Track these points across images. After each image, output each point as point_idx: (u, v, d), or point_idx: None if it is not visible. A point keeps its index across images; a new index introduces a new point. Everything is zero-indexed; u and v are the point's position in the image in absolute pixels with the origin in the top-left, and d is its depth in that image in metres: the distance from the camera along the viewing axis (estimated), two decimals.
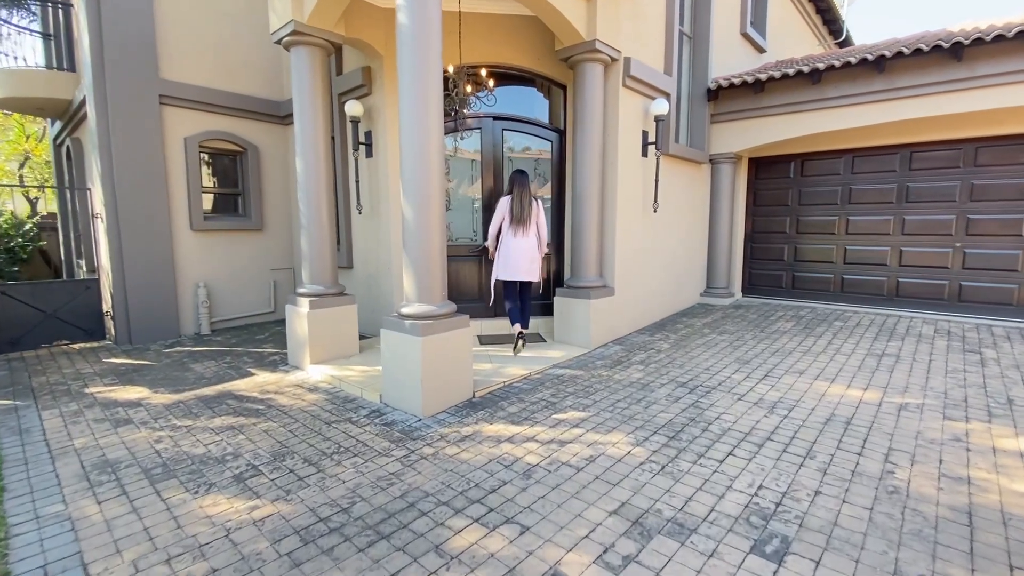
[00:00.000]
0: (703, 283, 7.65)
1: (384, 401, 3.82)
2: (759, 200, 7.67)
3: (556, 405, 3.68)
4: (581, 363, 4.71)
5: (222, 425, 3.51)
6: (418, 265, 3.57)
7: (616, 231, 5.41)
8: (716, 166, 7.33)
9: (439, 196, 3.59)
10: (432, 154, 3.52)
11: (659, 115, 5.58)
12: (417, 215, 3.53)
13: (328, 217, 4.78)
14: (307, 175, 4.65)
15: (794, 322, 6.17)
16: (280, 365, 4.98)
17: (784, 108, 6.52)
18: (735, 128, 7.03)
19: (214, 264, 6.53)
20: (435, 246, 3.59)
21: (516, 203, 4.80)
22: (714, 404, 3.65)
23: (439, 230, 3.61)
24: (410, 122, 3.48)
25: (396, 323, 3.62)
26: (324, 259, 4.78)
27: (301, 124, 4.61)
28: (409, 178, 3.52)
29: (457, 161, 5.82)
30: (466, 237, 5.85)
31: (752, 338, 5.50)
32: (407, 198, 3.54)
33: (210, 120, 6.40)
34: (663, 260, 6.44)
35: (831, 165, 6.97)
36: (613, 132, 5.34)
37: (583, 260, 5.30)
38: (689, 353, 4.97)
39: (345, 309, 4.89)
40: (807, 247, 7.27)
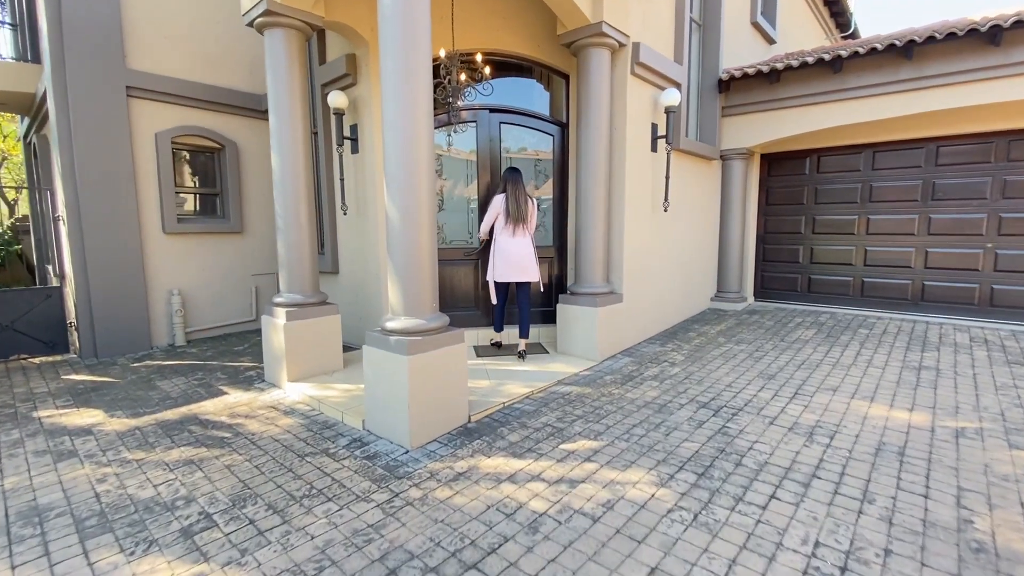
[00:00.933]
0: (713, 287, 7.21)
1: (367, 427, 3.35)
2: (772, 199, 7.24)
3: (563, 432, 3.22)
4: (588, 379, 4.25)
5: (179, 459, 3.04)
6: (405, 273, 3.11)
7: (624, 233, 4.96)
8: (727, 162, 6.89)
9: (429, 194, 3.13)
10: (420, 146, 3.06)
11: (670, 106, 5.14)
12: (404, 216, 3.07)
13: (308, 218, 4.31)
14: (283, 172, 4.18)
15: (815, 329, 5.73)
16: (256, 382, 4.51)
17: (802, 100, 6.08)
18: (748, 122, 6.59)
19: (189, 270, 6.05)
20: (424, 251, 3.14)
21: (512, 201, 4.50)
22: (744, 430, 3.19)
23: (429, 232, 3.15)
24: (394, 110, 3.02)
25: (379, 339, 3.16)
26: (303, 265, 4.31)
27: (277, 115, 4.14)
28: (394, 174, 3.06)
29: (450, 158, 5.37)
30: (461, 239, 5.39)
31: (773, 348, 5.06)
32: (392, 196, 3.09)
33: (184, 114, 5.92)
34: (673, 263, 6.00)
35: (850, 161, 6.54)
36: (621, 125, 4.89)
37: (588, 264, 4.84)
38: (706, 366, 4.52)
39: (327, 320, 4.42)
40: (824, 248, 6.84)
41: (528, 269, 4.64)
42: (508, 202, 4.55)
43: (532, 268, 4.66)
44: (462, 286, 5.46)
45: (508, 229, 4.57)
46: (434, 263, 3.21)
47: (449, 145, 5.30)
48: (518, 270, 4.61)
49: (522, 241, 4.61)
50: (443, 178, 5.31)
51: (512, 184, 4.57)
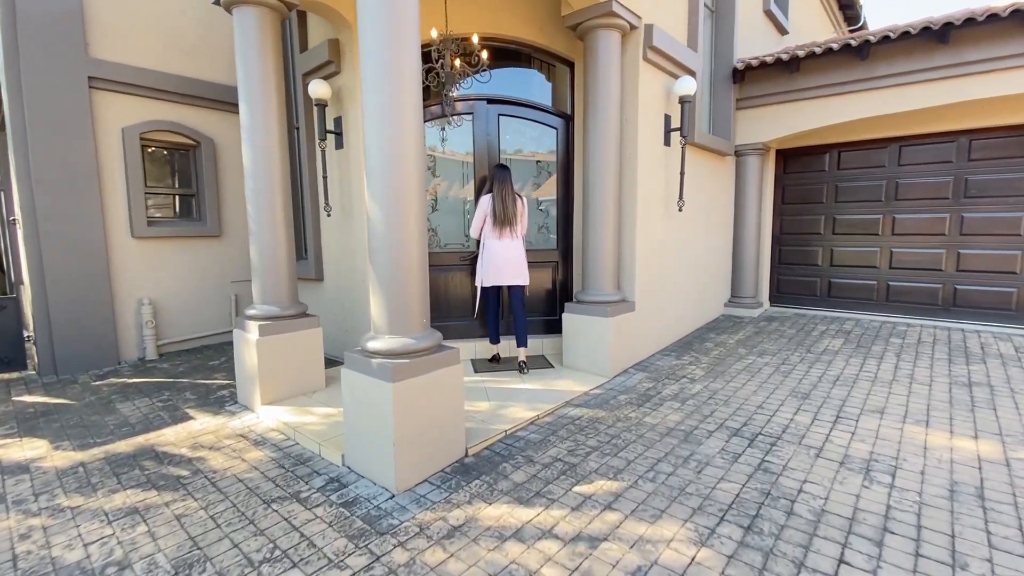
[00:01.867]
0: (727, 291, 6.76)
1: (347, 463, 2.88)
2: (788, 197, 6.79)
3: (577, 469, 2.75)
4: (601, 399, 3.78)
5: (123, 506, 2.56)
6: (389, 283, 2.64)
7: (636, 234, 4.50)
8: (741, 158, 6.45)
9: (417, 192, 2.66)
10: (407, 134, 2.60)
11: (685, 96, 4.68)
12: (388, 216, 2.60)
13: (284, 219, 3.84)
14: (255, 167, 3.71)
15: (842, 339, 5.28)
16: (228, 403, 4.03)
17: (824, 90, 5.64)
18: (764, 115, 6.15)
19: (161, 277, 5.56)
20: (412, 257, 2.67)
21: (498, 202, 4.13)
22: (788, 465, 2.73)
23: (418, 236, 2.68)
24: (376, 96, 2.55)
25: (360, 362, 2.69)
26: (279, 272, 3.83)
27: (248, 105, 3.67)
28: (376, 168, 2.59)
29: (444, 154, 4.90)
30: (457, 243, 4.93)
31: (800, 360, 4.60)
32: (374, 193, 2.62)
33: (155, 108, 5.44)
34: (687, 267, 5.55)
35: (874, 156, 6.10)
36: (632, 116, 4.43)
37: (598, 270, 4.38)
38: (731, 383, 4.06)
39: (307, 334, 3.94)
40: (845, 250, 6.39)
41: (519, 272, 4.28)
42: (494, 203, 4.18)
43: (522, 271, 4.29)
44: (458, 294, 5.00)
45: (495, 231, 4.21)
46: (424, 271, 2.75)
47: (443, 140, 4.84)
48: (507, 273, 4.25)
49: (510, 244, 4.23)
50: (437, 176, 4.85)
51: (498, 183, 4.20)
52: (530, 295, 5.08)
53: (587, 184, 4.39)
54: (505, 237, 4.24)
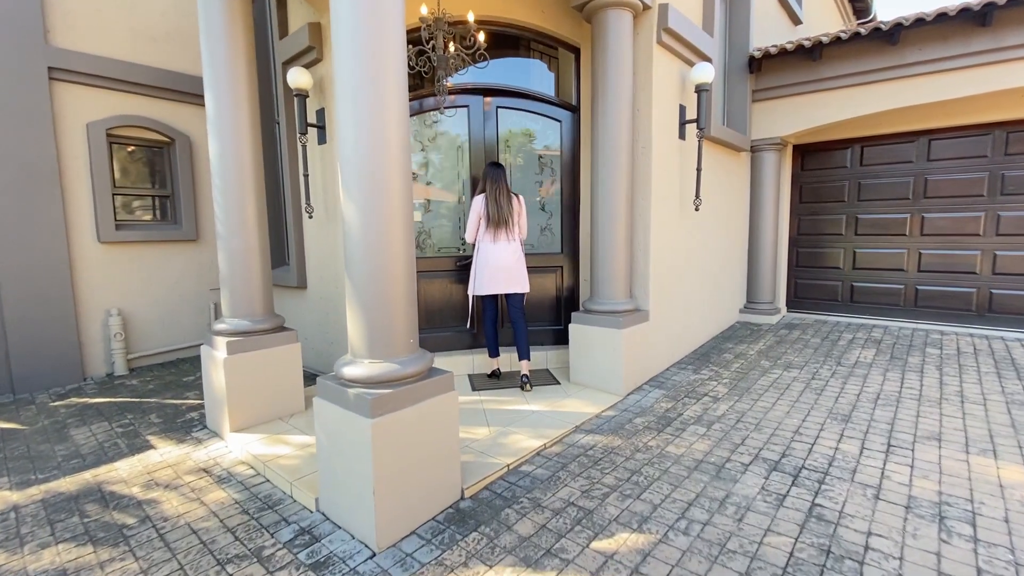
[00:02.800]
0: (742, 297, 6.34)
1: (321, 508, 2.44)
2: (806, 196, 6.37)
3: (594, 517, 2.31)
4: (615, 423, 3.35)
5: (50, 567, 2.12)
6: (368, 297, 2.21)
7: (651, 236, 4.07)
8: (757, 154, 6.03)
9: (401, 189, 2.23)
10: (389, 127, 2.17)
11: (702, 84, 4.26)
12: (366, 219, 2.17)
13: (257, 222, 3.40)
14: (223, 162, 3.28)
15: (873, 349, 4.85)
16: (195, 428, 3.59)
17: (849, 79, 5.22)
18: (783, 107, 5.73)
19: (132, 284, 5.12)
20: (397, 266, 2.23)
21: (492, 202, 3.78)
22: (844, 511, 2.30)
23: (403, 241, 2.25)
24: (352, 76, 2.12)
25: (334, 391, 2.25)
26: (251, 281, 3.40)
27: (214, 92, 3.24)
28: (352, 162, 2.16)
29: (438, 149, 4.48)
30: (452, 247, 4.51)
31: (831, 374, 4.18)
32: (349, 193, 2.19)
33: (124, 102, 5.00)
34: (703, 271, 5.12)
35: (900, 151, 5.68)
36: (645, 106, 4.01)
37: (609, 276, 3.95)
38: (759, 402, 3.63)
39: (283, 351, 3.51)
40: (869, 252, 5.97)
41: (517, 278, 3.91)
42: (488, 203, 3.80)
43: (522, 277, 3.93)
44: (454, 302, 4.57)
45: (489, 234, 3.84)
46: (411, 282, 2.31)
47: (436, 134, 4.41)
48: (504, 280, 3.87)
49: (507, 247, 3.86)
50: (430, 174, 4.43)
51: (492, 182, 3.84)
52: (533, 303, 4.67)
53: (595, 181, 3.96)
54: (501, 240, 3.86)
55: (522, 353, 4.02)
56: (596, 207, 3.97)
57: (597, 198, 3.95)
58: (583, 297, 4.64)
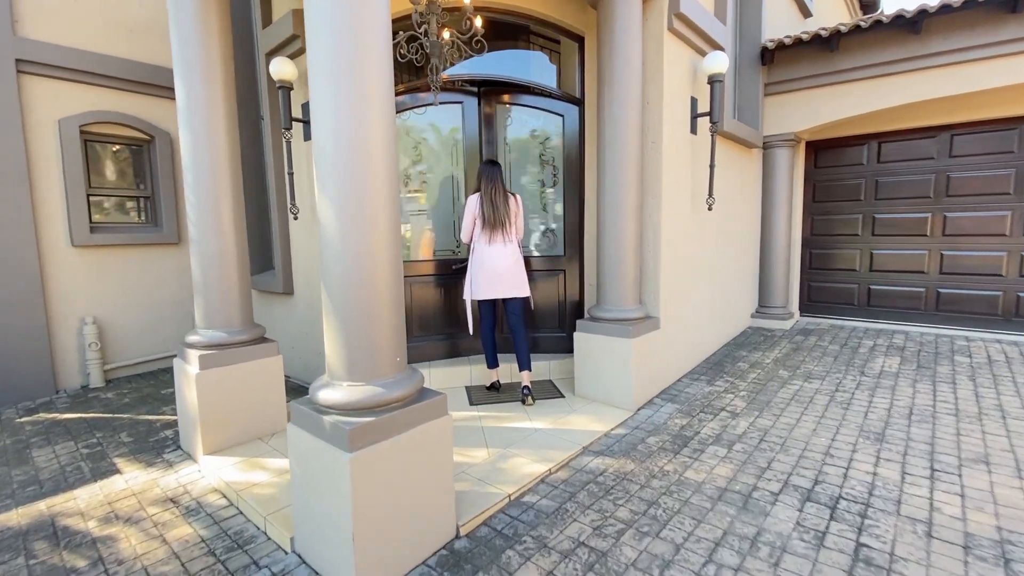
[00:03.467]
0: (754, 301, 6.05)
1: (296, 550, 2.14)
2: (820, 195, 6.09)
3: (608, 560, 2.02)
4: (626, 443, 3.05)
5: None
6: (347, 309, 1.91)
7: (661, 238, 3.79)
8: (770, 151, 5.74)
9: (387, 188, 1.94)
10: (372, 117, 1.88)
11: (715, 74, 3.97)
12: (345, 222, 1.88)
13: (233, 223, 3.11)
14: (196, 157, 2.98)
15: (897, 357, 4.56)
16: (168, 449, 3.29)
17: (868, 71, 4.93)
18: (797, 101, 5.45)
19: (109, 291, 4.83)
20: (381, 274, 1.94)
21: (487, 202, 3.56)
22: (895, 554, 2.00)
23: (388, 246, 1.96)
24: (329, 58, 1.83)
25: (308, 418, 1.96)
26: (227, 288, 3.10)
27: (185, 79, 2.95)
28: (328, 155, 1.87)
29: (432, 146, 4.20)
30: (447, 249, 4.23)
31: (856, 386, 3.88)
32: (326, 192, 1.89)
33: (99, 97, 4.71)
34: (714, 275, 4.83)
35: (921, 147, 5.40)
36: (656, 98, 3.72)
37: (616, 281, 3.66)
38: (782, 418, 3.34)
39: (263, 364, 3.21)
40: (887, 253, 5.68)
41: (515, 283, 3.65)
42: (483, 203, 3.56)
43: (520, 282, 3.67)
44: (451, 307, 4.30)
45: (485, 236, 3.60)
46: (398, 292, 2.02)
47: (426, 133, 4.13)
48: (502, 285, 3.61)
49: (503, 250, 3.61)
50: (423, 172, 4.15)
51: (487, 180, 3.60)
52: (535, 309, 4.38)
53: (602, 179, 3.67)
54: (497, 242, 3.60)
55: (522, 363, 3.73)
56: (603, 207, 3.68)
57: (604, 197, 3.66)
58: (588, 303, 4.35)
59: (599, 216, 3.73)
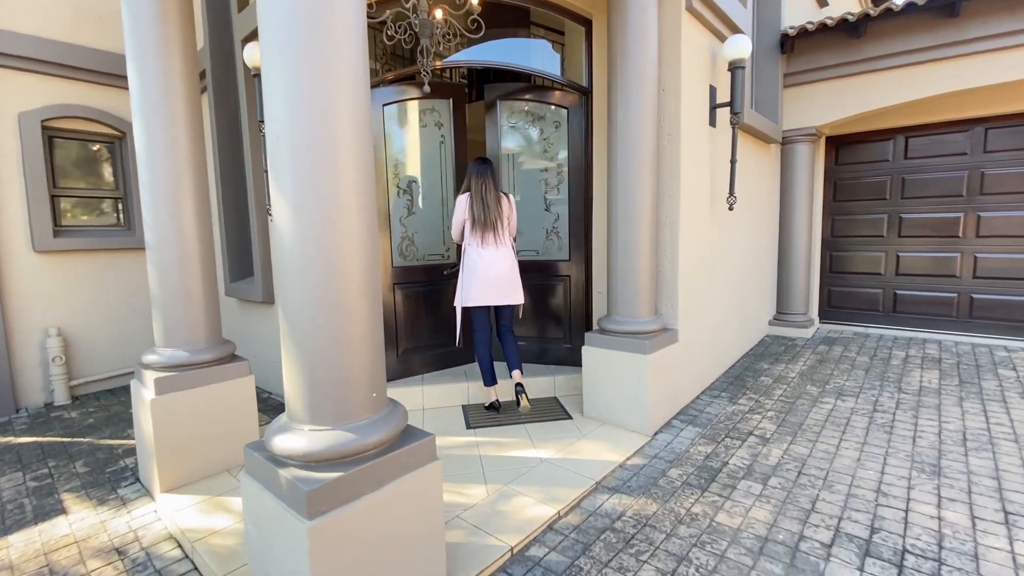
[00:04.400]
0: (771, 307, 5.67)
1: None
2: (841, 194, 5.71)
3: None
4: (645, 477, 2.67)
5: None
6: (310, 337, 1.53)
7: (680, 241, 3.41)
8: (789, 147, 5.37)
9: (359, 183, 1.57)
10: (340, 93, 1.51)
11: (737, 60, 3.60)
12: (304, 228, 1.50)
13: (197, 227, 2.73)
14: (151, 152, 2.61)
15: (935, 370, 4.18)
16: (125, 482, 2.91)
17: (898, 59, 4.55)
18: (819, 93, 5.07)
19: (76, 299, 4.45)
20: (352, 291, 1.56)
21: (477, 202, 3.27)
22: None
23: (362, 256, 1.58)
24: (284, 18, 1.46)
25: (262, 468, 1.58)
26: (190, 300, 2.72)
27: (138, 62, 2.57)
28: (285, 141, 1.50)
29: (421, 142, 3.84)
30: (437, 253, 3.88)
31: (895, 404, 3.50)
32: (282, 188, 1.52)
33: (63, 89, 4.34)
34: (734, 280, 4.45)
35: (951, 142, 5.02)
36: (673, 85, 3.35)
37: (630, 289, 3.28)
38: (819, 445, 2.95)
39: (232, 387, 2.83)
40: (915, 256, 5.30)
41: (511, 289, 3.36)
42: (472, 203, 3.27)
43: (516, 287, 3.39)
44: (443, 314, 3.94)
45: (476, 238, 3.30)
46: (374, 311, 1.64)
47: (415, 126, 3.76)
48: (496, 291, 3.30)
49: (496, 253, 3.30)
50: (412, 170, 3.78)
51: (477, 178, 3.31)
52: (538, 319, 4.02)
53: (613, 176, 3.29)
54: (489, 245, 3.29)
55: (514, 364, 3.44)
56: (614, 206, 3.30)
57: (615, 196, 3.28)
58: (597, 313, 3.97)
59: (610, 216, 3.35)
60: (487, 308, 3.46)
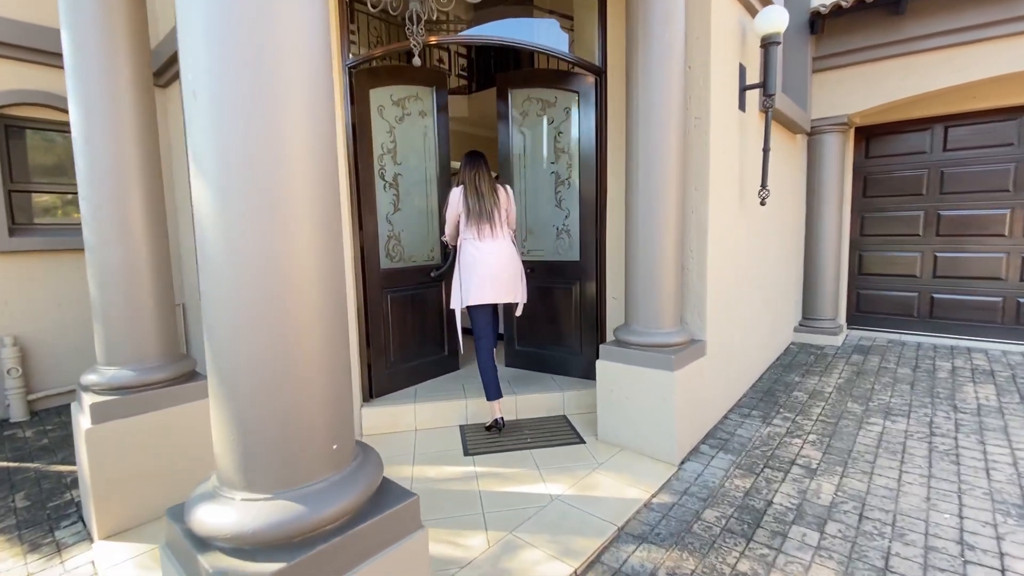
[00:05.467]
0: (796, 312, 5.23)
1: None
2: (872, 189, 5.27)
3: None
4: (677, 521, 2.25)
5: None
6: (245, 377, 1.11)
7: (708, 240, 2.98)
8: (818, 137, 4.93)
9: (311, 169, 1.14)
10: (286, 52, 1.08)
11: (771, 35, 3.19)
12: (232, 222, 1.08)
13: (146, 223, 2.32)
14: (90, 135, 2.19)
15: (989, 384, 3.74)
16: (67, 520, 2.50)
17: (943, 38, 4.13)
18: (853, 78, 4.64)
19: (35, 305, 4.04)
20: (307, 312, 1.14)
21: (471, 191, 3.04)
22: None
23: (319, 263, 1.16)
24: None
25: (182, 550, 1.16)
26: (138, 310, 2.31)
27: (72, 29, 2.16)
28: (205, 108, 1.07)
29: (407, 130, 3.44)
30: (422, 254, 3.48)
31: (954, 427, 3.07)
32: (204, 176, 1.09)
33: (20, 73, 3.93)
34: (761, 283, 4.03)
35: (998, 131, 4.59)
36: (702, 60, 2.92)
37: (652, 295, 2.85)
38: (875, 477, 2.53)
39: (187, 411, 2.41)
40: (956, 257, 4.86)
41: (514, 284, 3.10)
42: (466, 194, 3.04)
43: (518, 283, 3.13)
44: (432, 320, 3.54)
45: (472, 231, 3.05)
46: (336, 339, 1.22)
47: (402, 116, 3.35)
48: (497, 286, 3.01)
49: (494, 245, 3.03)
50: (398, 162, 3.39)
51: (470, 169, 3.10)
52: (546, 325, 3.62)
53: (633, 166, 2.87)
54: (486, 237, 3.02)
55: None
56: (633, 201, 2.87)
57: (636, 188, 2.85)
58: (611, 320, 3.54)
59: (628, 212, 2.92)
60: (489, 309, 3.13)
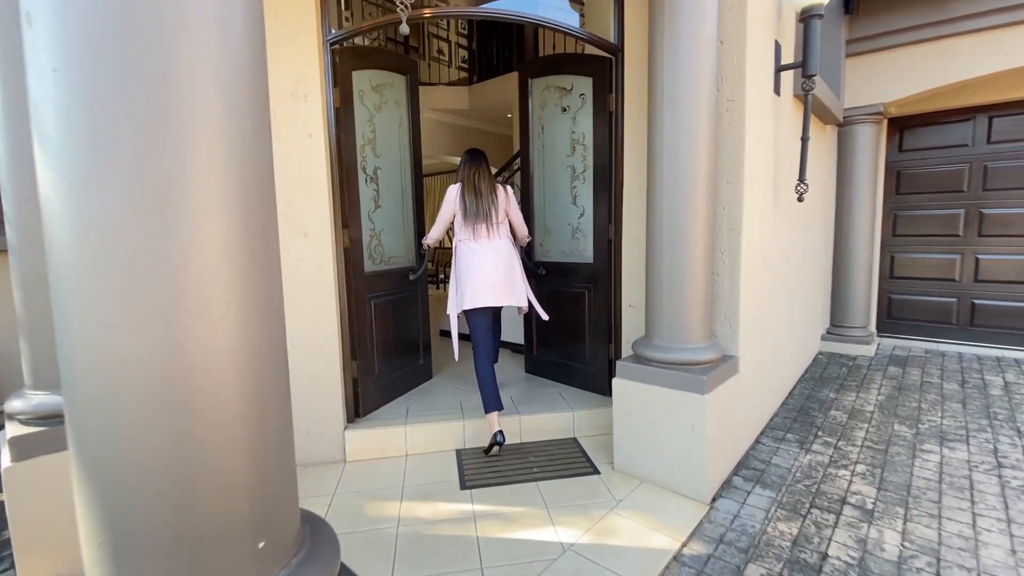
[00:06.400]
0: (824, 319, 4.84)
1: None
2: (905, 185, 4.87)
3: None
4: None
5: None
6: (110, 465, 0.74)
7: (742, 242, 2.60)
8: (849, 128, 4.53)
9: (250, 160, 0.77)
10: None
11: (811, 7, 2.81)
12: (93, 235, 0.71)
13: None
14: (9, 122, 1.83)
15: None
16: (2, 566, 2.14)
17: (999, 16, 3.72)
18: (890, 62, 4.23)
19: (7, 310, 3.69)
20: (225, 367, 0.77)
21: (468, 189, 2.88)
22: None
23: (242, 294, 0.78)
24: None
25: None
26: None
27: None
28: (51, 46, 0.70)
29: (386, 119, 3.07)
30: (400, 255, 3.13)
31: (1018, 450, 2.69)
32: (48, 163, 0.72)
33: None
34: (792, 288, 3.64)
35: None
36: (737, 36, 2.53)
37: (678, 305, 2.47)
38: (946, 522, 2.14)
39: None
40: (1001, 259, 4.46)
41: (513, 288, 2.89)
42: (464, 193, 2.87)
43: (515, 285, 2.91)
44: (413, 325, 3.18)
45: (468, 232, 2.89)
46: (267, 409, 0.85)
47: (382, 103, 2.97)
48: (493, 289, 2.82)
49: (489, 246, 2.85)
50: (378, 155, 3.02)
51: (469, 167, 2.94)
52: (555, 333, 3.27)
53: (656, 157, 2.48)
54: (482, 238, 2.86)
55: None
56: (657, 195, 2.49)
57: (660, 180, 2.47)
58: (626, 329, 3.15)
59: (650, 208, 2.54)
60: (487, 313, 2.88)
